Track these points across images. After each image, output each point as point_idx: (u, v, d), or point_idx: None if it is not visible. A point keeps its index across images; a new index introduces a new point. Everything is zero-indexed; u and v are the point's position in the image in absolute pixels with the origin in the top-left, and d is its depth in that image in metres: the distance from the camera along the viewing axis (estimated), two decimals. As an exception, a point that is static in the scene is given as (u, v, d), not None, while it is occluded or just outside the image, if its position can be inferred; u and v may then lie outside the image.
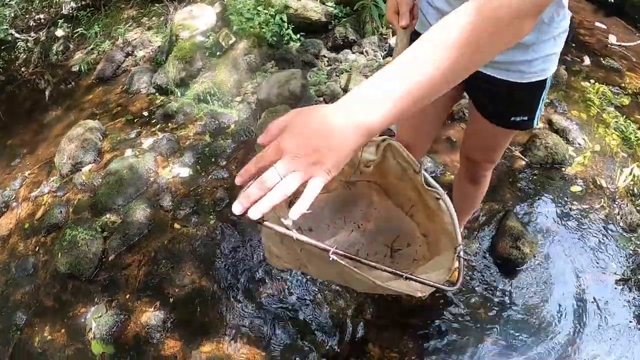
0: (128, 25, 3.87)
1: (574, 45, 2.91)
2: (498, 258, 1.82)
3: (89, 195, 2.39)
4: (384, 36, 3.05)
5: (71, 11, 4.16)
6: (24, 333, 1.92)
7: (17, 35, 4.01)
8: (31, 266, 2.15)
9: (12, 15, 4.05)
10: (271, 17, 2.95)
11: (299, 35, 3.03)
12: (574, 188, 2.07)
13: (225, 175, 2.35)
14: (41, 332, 1.89)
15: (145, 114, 2.91)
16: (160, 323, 1.79)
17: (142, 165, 2.41)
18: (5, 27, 3.79)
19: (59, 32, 4.00)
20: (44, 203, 2.46)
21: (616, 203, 2.00)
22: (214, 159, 2.45)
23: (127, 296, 1.91)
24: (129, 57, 3.56)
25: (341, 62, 2.94)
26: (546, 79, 1.03)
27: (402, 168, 0.93)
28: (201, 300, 1.84)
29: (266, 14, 2.94)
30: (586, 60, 2.82)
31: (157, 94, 3.05)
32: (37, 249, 2.24)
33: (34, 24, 4.26)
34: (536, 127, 2.08)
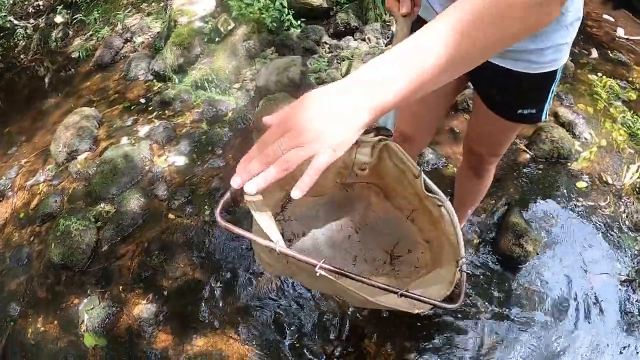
0: (127, 11, 3.80)
1: (581, 37, 2.81)
2: (499, 255, 1.76)
3: (83, 184, 2.36)
4: (387, 23, 2.96)
5: (70, -3, 4.10)
6: (18, 324, 1.91)
7: (16, 22, 3.96)
8: (25, 256, 2.14)
9: (11, 2, 4.01)
10: (271, 2, 2.87)
11: (299, 22, 2.96)
12: (580, 184, 2.00)
13: (222, 164, 2.30)
14: (34, 324, 1.88)
15: (143, 101, 2.86)
16: (153, 316, 1.76)
17: (137, 154, 2.36)
18: (4, 14, 3.74)
19: (58, 19, 3.94)
20: (39, 192, 2.44)
21: (622, 201, 1.93)
22: (210, 147, 2.40)
23: (120, 288, 1.89)
24: (128, 44, 3.50)
25: (342, 49, 2.86)
26: (556, 70, 0.97)
27: (401, 170, 0.85)
28: (194, 294, 1.80)
29: (266, -1, 2.86)
30: (593, 53, 2.74)
31: (154, 80, 3.00)
32: (31, 238, 2.21)
33: (32, 10, 4.20)
34: (544, 121, 2.01)
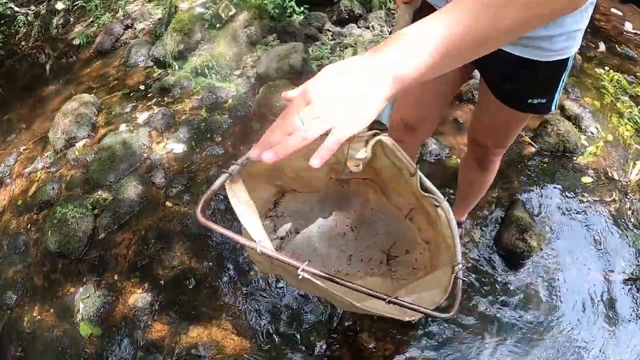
0: (128, -4, 3.74)
1: (589, 30, 2.74)
2: (502, 249, 1.73)
3: (81, 171, 2.33)
4: (391, 11, 2.90)
5: (71, -17, 4.03)
6: (14, 312, 1.90)
7: (16, 9, 3.90)
8: (22, 244, 2.12)
9: (12, -11, 3.93)
10: (273, -12, 2.81)
11: (302, 8, 2.89)
12: (585, 179, 1.95)
13: (220, 152, 2.26)
14: (30, 312, 1.87)
15: (142, 87, 2.82)
16: (148, 305, 1.75)
17: (135, 141, 2.33)
18: (4, 1, 3.68)
19: (59, 5, 3.89)
20: (37, 179, 2.42)
21: (627, 197, 1.89)
22: (209, 135, 2.36)
23: (116, 276, 1.87)
24: (129, 30, 3.44)
25: (346, 36, 2.81)
26: (568, 57, 0.92)
27: (397, 168, 0.81)
28: (190, 283, 1.78)
29: (268, -16, 2.80)
30: (601, 47, 2.68)
31: (154, 67, 2.95)
32: (29, 226, 2.20)
33: (34, -3, 4.14)
34: (553, 112, 1.96)
